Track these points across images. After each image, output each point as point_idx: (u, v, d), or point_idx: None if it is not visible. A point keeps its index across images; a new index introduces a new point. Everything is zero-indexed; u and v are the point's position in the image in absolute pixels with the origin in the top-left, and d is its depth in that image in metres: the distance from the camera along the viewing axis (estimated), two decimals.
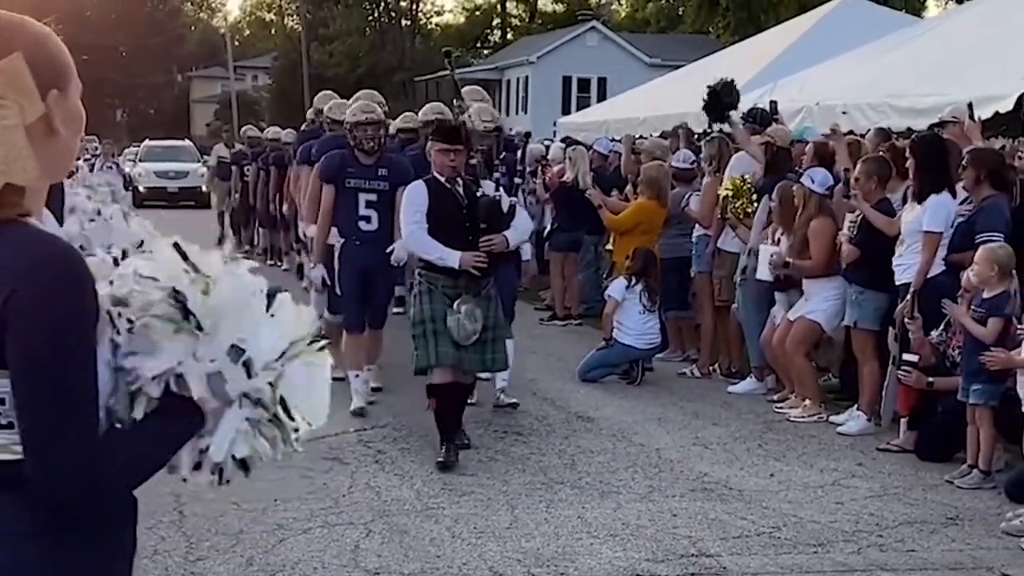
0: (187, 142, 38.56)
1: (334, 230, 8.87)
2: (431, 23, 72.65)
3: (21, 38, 1.94)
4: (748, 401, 9.40)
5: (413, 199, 7.50)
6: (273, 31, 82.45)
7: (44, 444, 1.85)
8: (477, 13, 73.37)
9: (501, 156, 9.07)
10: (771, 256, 8.96)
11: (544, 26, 65.91)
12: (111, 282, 2.01)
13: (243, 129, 19.27)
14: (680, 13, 59.21)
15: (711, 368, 10.43)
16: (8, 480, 1.90)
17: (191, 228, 2.06)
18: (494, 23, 73.69)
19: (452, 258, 7.29)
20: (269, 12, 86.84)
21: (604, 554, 5.84)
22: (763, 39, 19.65)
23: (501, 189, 7.78)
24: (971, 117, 9.00)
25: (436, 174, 7.53)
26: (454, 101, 8.63)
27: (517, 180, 8.20)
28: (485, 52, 68.68)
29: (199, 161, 33.43)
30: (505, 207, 7.56)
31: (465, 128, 7.85)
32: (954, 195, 7.90)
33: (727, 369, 10.33)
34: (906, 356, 7.79)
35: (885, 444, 7.93)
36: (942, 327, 7.50)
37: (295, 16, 72.52)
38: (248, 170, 18.65)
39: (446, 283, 7.35)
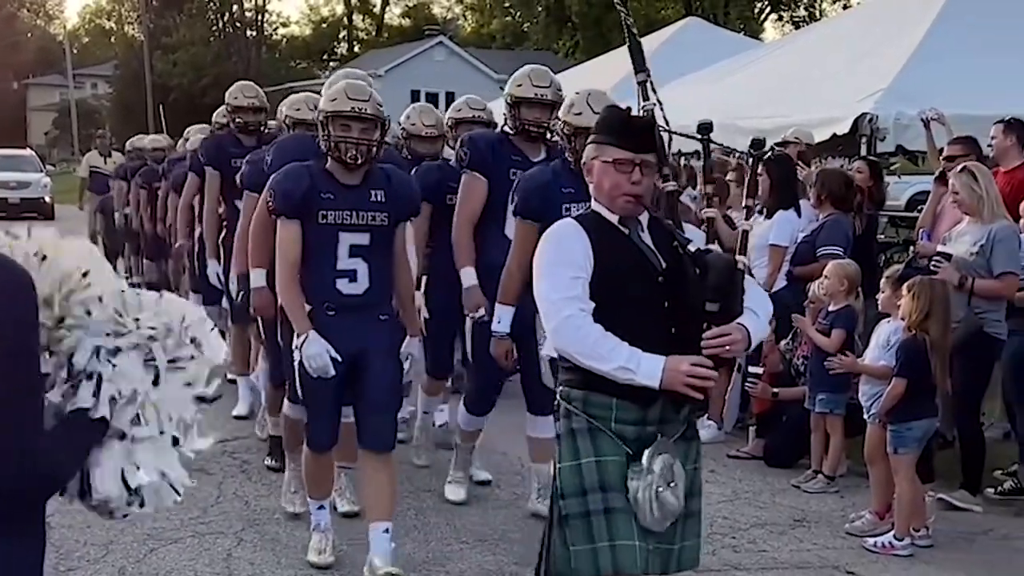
0: (28, 151, 37.81)
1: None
2: (277, 34, 72.17)
3: None
4: None
5: (566, 253, 3.87)
6: (113, 39, 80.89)
7: None
8: (323, 25, 73.25)
9: None
10: None
11: (391, 40, 66.03)
12: None
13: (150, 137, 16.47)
14: (525, 29, 59.89)
15: None
16: None
17: None
18: (341, 36, 73.57)
19: (650, 370, 3.69)
20: (109, 20, 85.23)
21: (474, 558, 6.04)
22: (610, 58, 19.99)
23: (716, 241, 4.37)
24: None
25: (601, 208, 3.97)
26: (636, 77, 4.82)
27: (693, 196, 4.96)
28: (332, 64, 68.46)
29: (41, 171, 32.71)
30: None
31: (657, 126, 4.19)
32: (799, 213, 8.30)
33: None
34: (752, 369, 8.13)
35: (735, 451, 8.27)
36: (789, 337, 7.87)
37: (136, 24, 71.32)
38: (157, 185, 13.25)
39: (625, 415, 3.83)
